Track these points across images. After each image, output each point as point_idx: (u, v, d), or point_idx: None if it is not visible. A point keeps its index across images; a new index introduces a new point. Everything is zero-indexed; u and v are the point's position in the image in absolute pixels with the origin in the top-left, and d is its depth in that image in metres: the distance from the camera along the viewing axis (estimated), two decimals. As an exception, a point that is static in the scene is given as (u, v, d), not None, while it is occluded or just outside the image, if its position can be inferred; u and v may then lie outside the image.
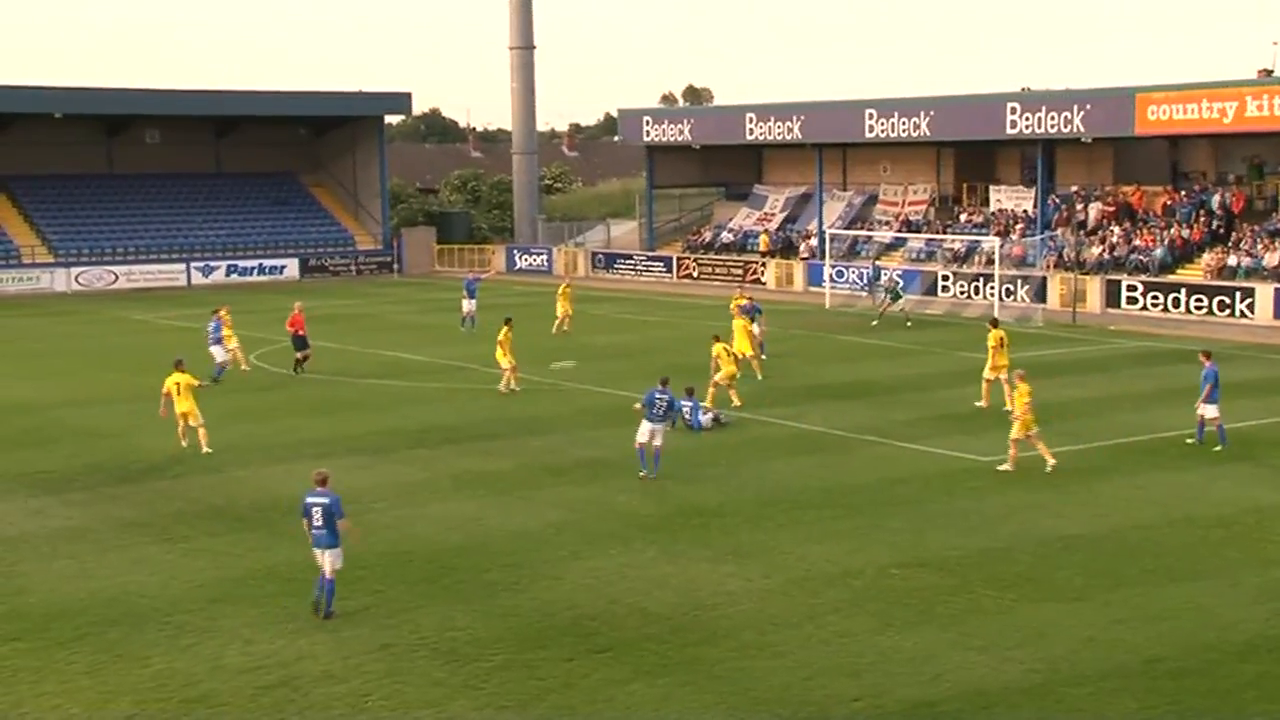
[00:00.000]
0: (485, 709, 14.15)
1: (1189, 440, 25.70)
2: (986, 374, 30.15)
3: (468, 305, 44.74)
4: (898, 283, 47.88)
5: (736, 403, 29.50)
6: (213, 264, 65.23)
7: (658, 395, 23.91)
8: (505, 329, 32.46)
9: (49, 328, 48.50)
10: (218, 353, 34.03)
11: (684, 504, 21.99)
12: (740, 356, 31.81)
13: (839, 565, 18.65)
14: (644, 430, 23.85)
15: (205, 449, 25.89)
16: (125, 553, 19.59)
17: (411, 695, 14.46)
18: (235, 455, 25.88)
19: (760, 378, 32.94)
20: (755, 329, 36.46)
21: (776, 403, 30.76)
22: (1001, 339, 29.99)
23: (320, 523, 16.80)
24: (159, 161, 70.06)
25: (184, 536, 20.40)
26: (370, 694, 14.50)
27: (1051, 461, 23.88)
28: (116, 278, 62.87)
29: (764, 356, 35.79)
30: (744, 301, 36.82)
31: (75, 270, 62.36)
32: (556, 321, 43.34)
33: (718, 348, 30.21)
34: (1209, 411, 25.63)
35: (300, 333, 35.79)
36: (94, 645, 15.88)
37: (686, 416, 27.43)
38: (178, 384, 26.09)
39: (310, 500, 16.94)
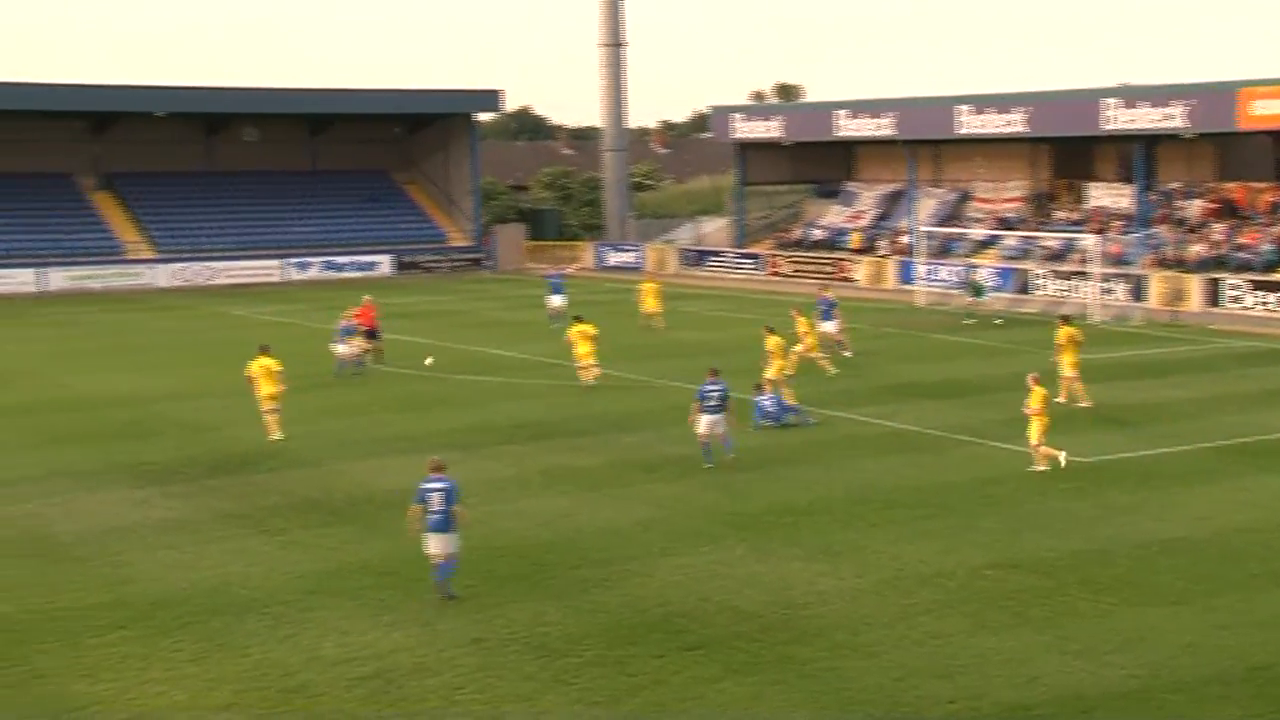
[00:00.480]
0: (576, 704, 14.22)
1: None
2: (1065, 372, 29.90)
3: (556, 301, 45.04)
4: (979, 279, 47.45)
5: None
6: (308, 260, 66.21)
7: (709, 388, 24.13)
8: (578, 325, 33.17)
9: (150, 322, 49.60)
10: (340, 349, 34.47)
11: (775, 502, 21.91)
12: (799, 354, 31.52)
13: (932, 565, 18.47)
14: (704, 424, 24.10)
15: (273, 435, 26.58)
16: (225, 544, 19.97)
17: (503, 689, 14.57)
18: (330, 449, 26.26)
19: (831, 373, 32.74)
20: (832, 326, 36.33)
21: (868, 401, 30.52)
22: (1071, 336, 29.89)
23: (438, 507, 17.20)
24: (256, 159, 71.33)
25: (281, 529, 20.75)
26: (462, 687, 14.64)
27: (1042, 467, 23.62)
28: (215, 273, 64.09)
29: (848, 354, 35.65)
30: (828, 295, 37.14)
31: (175, 266, 63.68)
32: (644, 318, 43.50)
33: (771, 341, 30.01)
34: None
35: (371, 326, 36.37)
36: (197, 634, 16.21)
37: (768, 409, 27.42)
38: (265, 367, 26.92)
39: (427, 486, 17.39)
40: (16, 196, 64.51)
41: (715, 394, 24.13)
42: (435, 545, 17.29)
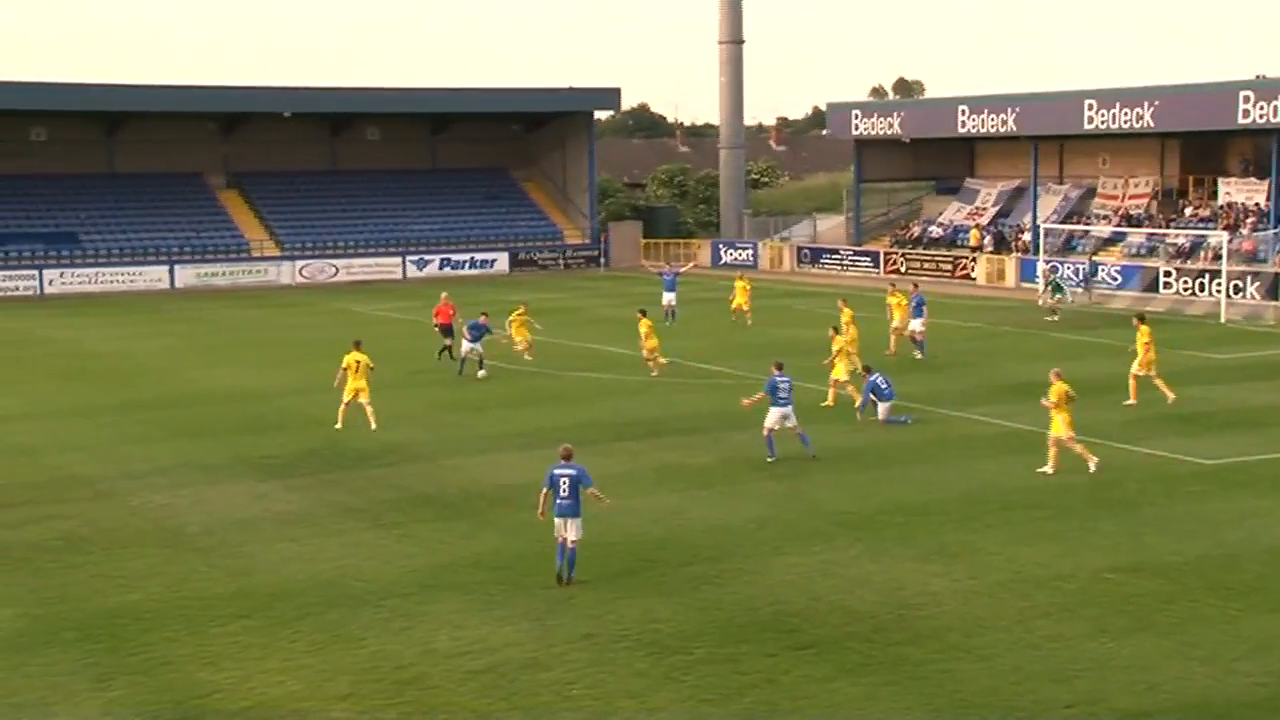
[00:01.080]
0: (688, 701, 14.20)
1: None
2: (1135, 370, 29.61)
3: (668, 298, 45.35)
4: (1058, 273, 46.50)
5: (828, 403, 29.27)
6: (427, 257, 67.18)
7: (779, 380, 24.29)
8: (642, 321, 34.29)
9: (275, 319, 50.72)
10: (465, 345, 34.47)
11: (887, 501, 21.67)
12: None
13: (1050, 568, 18.10)
14: (773, 416, 24.20)
15: (373, 425, 27.53)
16: (342, 537, 20.33)
17: (614, 685, 14.61)
18: (445, 445, 26.59)
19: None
20: (918, 324, 35.89)
21: (986, 400, 30.04)
22: (1149, 334, 29.64)
23: (567, 493, 17.69)
24: (378, 158, 72.57)
25: (396, 523, 21.06)
26: (574, 683, 14.70)
27: (1049, 469, 23.14)
28: (337, 270, 65.34)
29: (920, 356, 35.13)
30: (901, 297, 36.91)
31: (300, 264, 65.06)
32: (734, 314, 43.64)
33: (839, 341, 29.76)
34: None
35: (446, 323, 37.01)
36: (314, 625, 16.52)
37: (882, 387, 27.50)
38: (357, 361, 27.94)
39: (557, 472, 17.87)
40: (149, 195, 66.49)
41: (784, 386, 24.33)
42: (561, 530, 17.83)
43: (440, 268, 66.99)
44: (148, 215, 65.49)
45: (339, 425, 27.90)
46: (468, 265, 67.64)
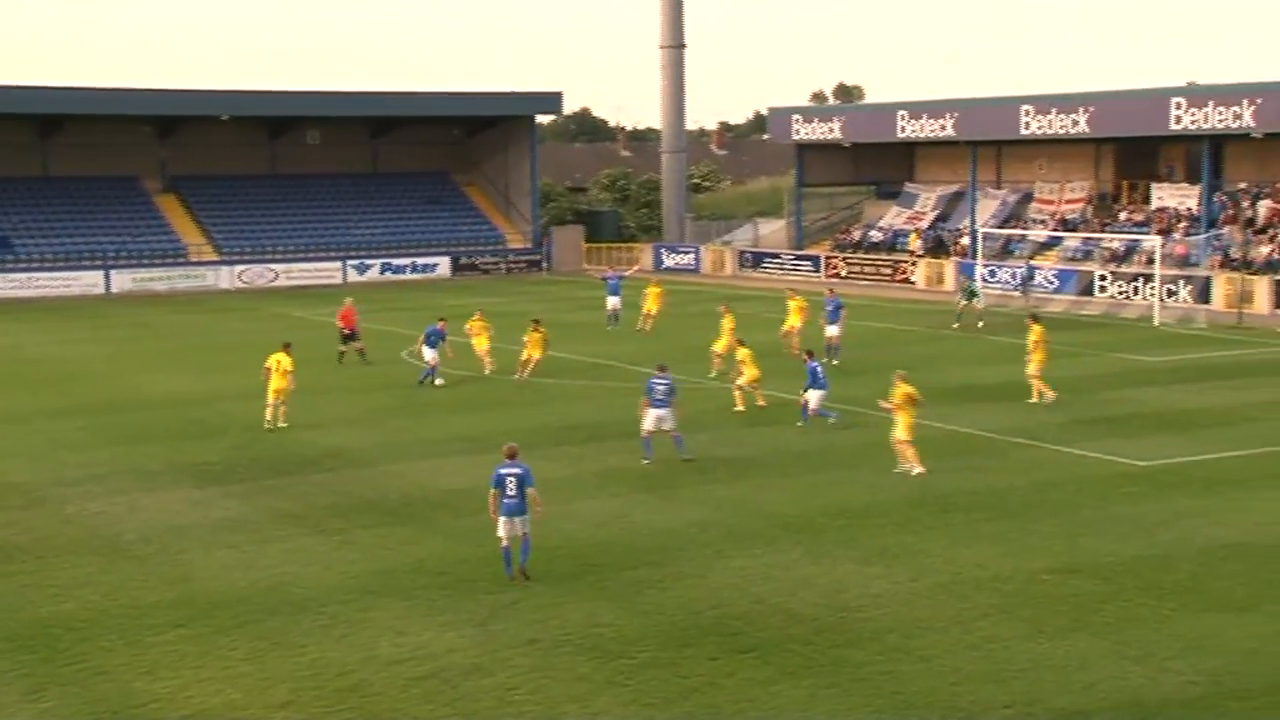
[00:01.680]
0: (630, 705, 14.22)
1: None
2: (1031, 370, 30.21)
3: (612, 302, 45.36)
4: (972, 282, 46.92)
5: (761, 404, 29.46)
6: (368, 262, 66.77)
7: (656, 382, 24.52)
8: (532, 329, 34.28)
9: (213, 324, 50.21)
10: (427, 353, 34.07)
11: (829, 504, 21.82)
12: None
13: (989, 570, 18.30)
14: (650, 419, 24.44)
15: (281, 423, 28.35)
16: (283, 544, 20.17)
17: (557, 690, 14.61)
18: (387, 450, 26.46)
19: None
20: (836, 330, 35.89)
21: (925, 403, 30.26)
22: (1042, 334, 30.29)
23: (514, 492, 17.95)
24: (318, 162, 72.03)
25: (338, 529, 20.92)
26: (517, 688, 14.68)
27: (919, 469, 23.43)
28: (277, 275, 64.78)
29: (834, 361, 35.13)
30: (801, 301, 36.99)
31: (238, 268, 64.44)
32: (645, 317, 43.70)
33: (743, 352, 30.10)
34: None
35: (350, 328, 37.41)
36: (254, 633, 16.38)
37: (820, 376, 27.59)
38: (278, 362, 28.67)
39: (504, 471, 18.08)
40: (84, 199, 65.62)
41: (662, 387, 24.43)
42: (508, 528, 17.99)
43: (381, 272, 66.60)
44: (83, 219, 64.63)
45: (267, 424, 28.38)
46: (409, 270, 67.28)
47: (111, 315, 53.38)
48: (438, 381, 33.67)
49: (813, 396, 27.63)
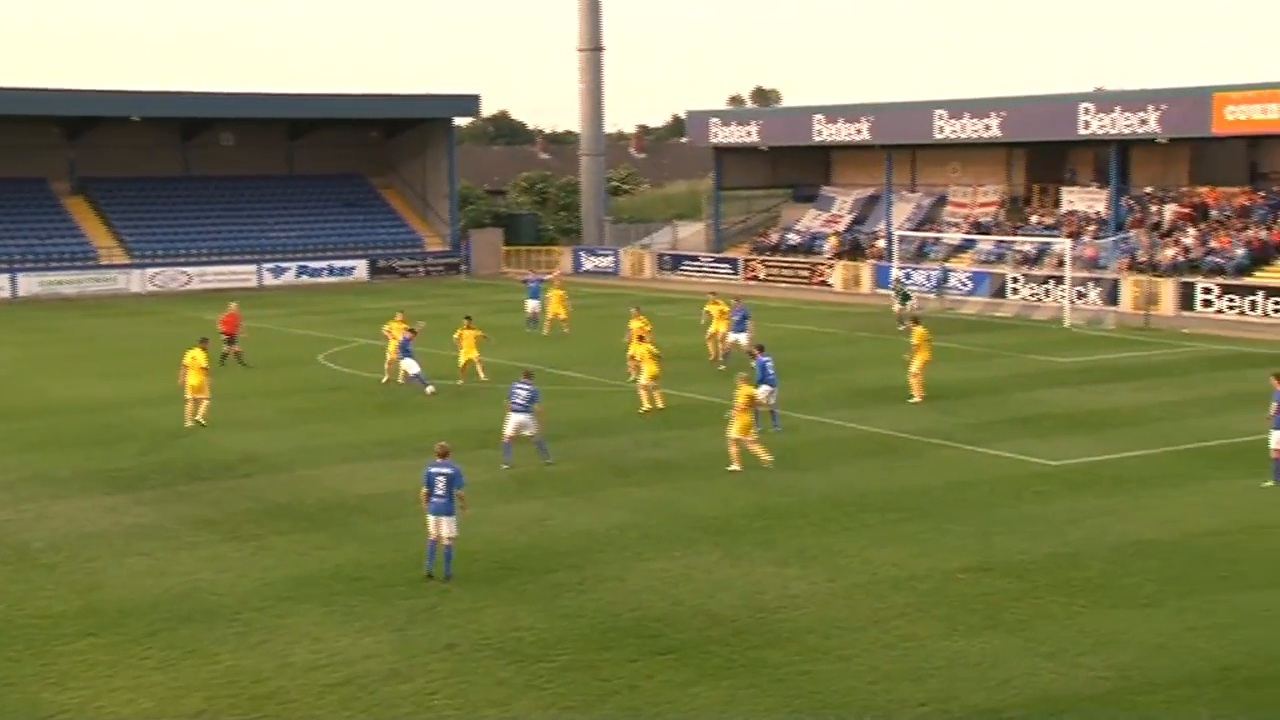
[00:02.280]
0: (550, 709, 14.20)
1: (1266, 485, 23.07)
2: (915, 369, 30.79)
3: (531, 305, 45.30)
4: (903, 284, 47.47)
5: (660, 405, 29.55)
6: (283, 265, 66.01)
7: (518, 387, 24.75)
8: (464, 326, 34.08)
9: (124, 328, 49.34)
10: (410, 365, 32.70)
11: (749, 506, 21.94)
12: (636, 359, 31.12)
13: (905, 569, 18.52)
14: (510, 424, 24.64)
15: (200, 419, 28.55)
16: (196, 550, 19.88)
17: (476, 695, 14.54)
18: (303, 455, 26.18)
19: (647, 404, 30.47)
20: (744, 337, 35.56)
21: (843, 405, 30.60)
22: (926, 335, 31.03)
23: (442, 491, 17.97)
24: (233, 164, 71.07)
25: (253, 535, 20.66)
26: (435, 693, 14.60)
27: (767, 459, 23.98)
28: (190, 279, 63.80)
29: (722, 366, 35.03)
30: (723, 306, 36.67)
31: (150, 271, 63.37)
32: (548, 323, 43.59)
33: (640, 348, 30.25)
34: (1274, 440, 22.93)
35: (231, 332, 37.31)
36: (166, 641, 16.12)
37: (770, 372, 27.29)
38: (194, 358, 28.88)
39: (434, 470, 18.13)
40: (-11, 201, 64.15)
41: (523, 394, 24.63)
42: (434, 527, 18.03)
43: (297, 275, 65.86)
44: (-12, 221, 63.20)
45: (188, 423, 28.42)
46: (326, 273, 66.61)
47: (18, 319, 52.24)
48: (429, 389, 32.37)
49: (763, 392, 27.58)
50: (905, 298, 45.55)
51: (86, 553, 19.80)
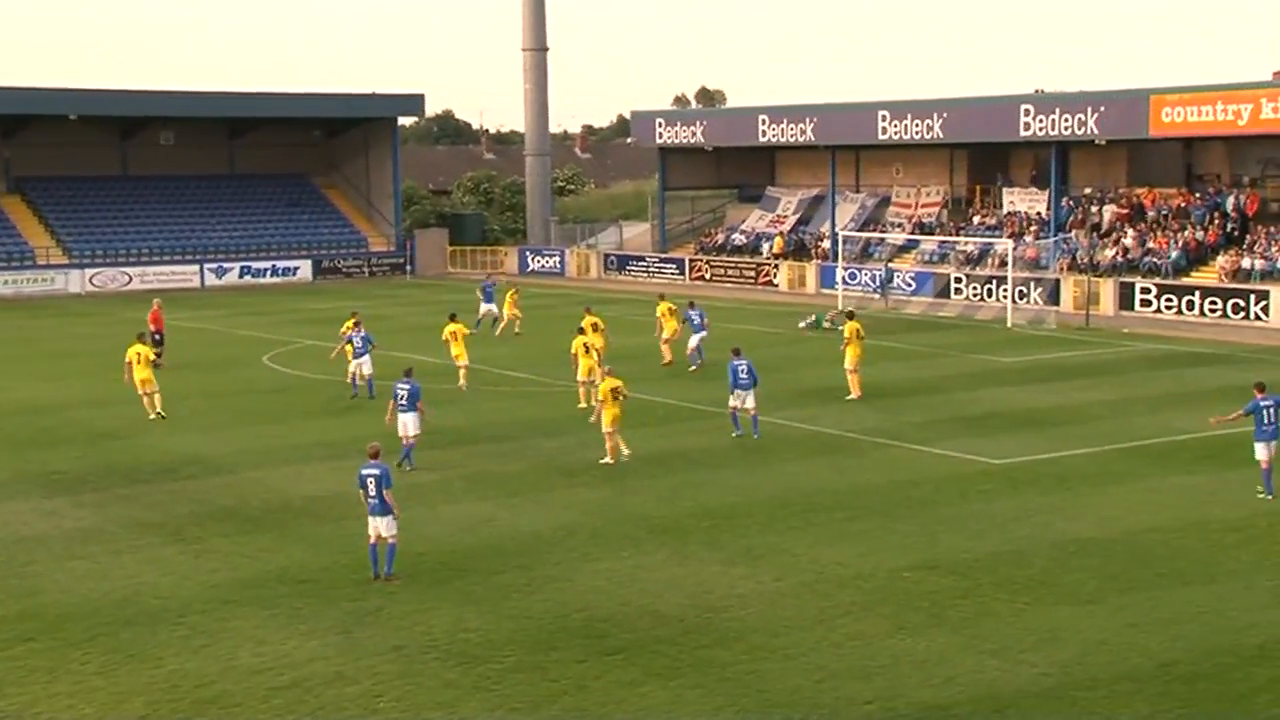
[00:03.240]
0: (497, 710, 14.16)
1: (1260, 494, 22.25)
2: (848, 365, 31.16)
3: (485, 307, 45.26)
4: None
5: (582, 405, 29.66)
6: (226, 265, 65.39)
7: (400, 386, 24.86)
8: (451, 325, 33.67)
9: (63, 329, 48.67)
10: (366, 366, 31.71)
11: (696, 506, 21.99)
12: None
13: (851, 568, 18.62)
14: (401, 423, 24.77)
15: (161, 412, 28.94)
16: (138, 554, 19.64)
17: (423, 697, 14.48)
18: (247, 456, 25.95)
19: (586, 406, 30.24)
20: (695, 340, 35.70)
21: (789, 404, 30.73)
22: (858, 330, 31.36)
23: (374, 492, 17.98)
24: (173, 163, 70.28)
25: (196, 538, 20.45)
26: (382, 695, 14.52)
27: (626, 452, 24.46)
28: (130, 279, 63.05)
29: (667, 361, 35.69)
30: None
31: (89, 272, 62.55)
32: (502, 325, 43.51)
33: (576, 343, 30.44)
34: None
35: (158, 330, 37.49)
36: (107, 646, 15.92)
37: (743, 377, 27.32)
38: (138, 354, 28.96)
39: (365, 472, 18.16)
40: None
41: (404, 391, 24.74)
42: (373, 528, 18.05)
43: (240, 276, 65.25)
44: (-78, 220, 62.12)
45: (151, 417, 28.87)
46: (269, 273, 66.05)
47: (-46, 320, 51.37)
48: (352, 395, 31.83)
49: (738, 398, 27.53)
50: (818, 324, 44.76)
51: (24, 556, 19.51)
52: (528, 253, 70.75)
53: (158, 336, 37.34)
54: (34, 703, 14.37)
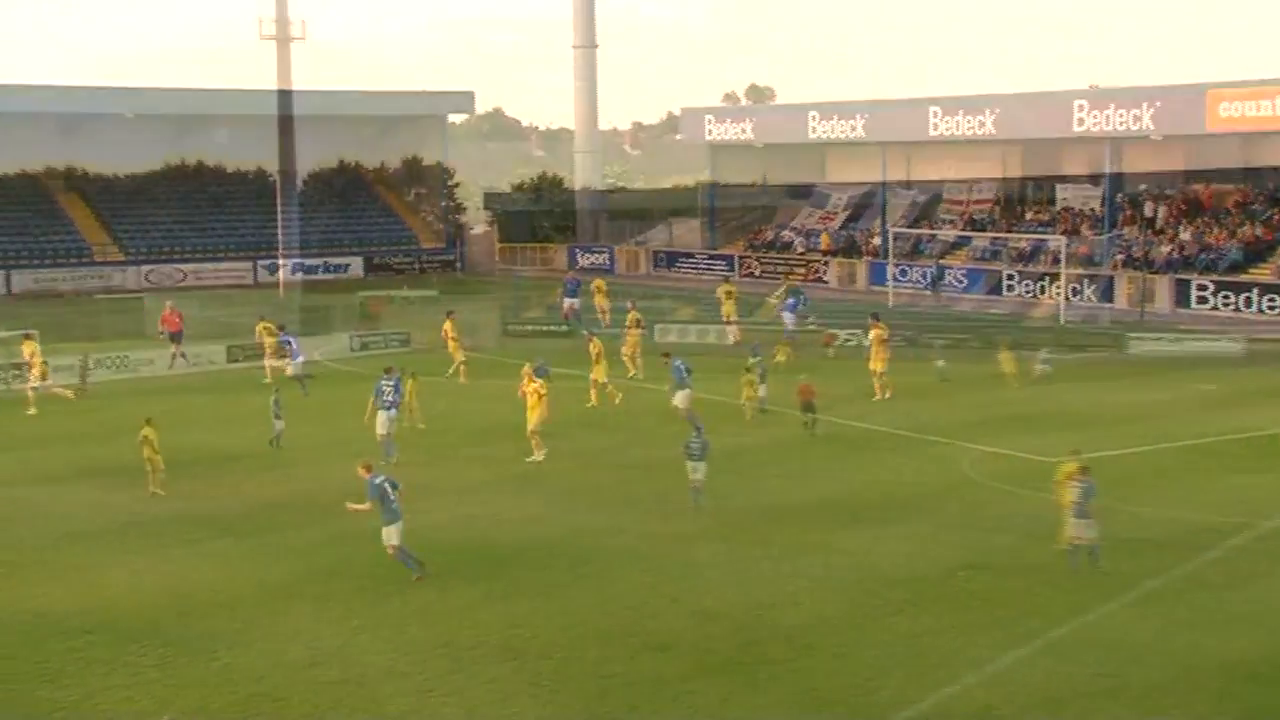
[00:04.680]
0: (548, 706, 14.17)
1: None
2: (873, 366, 30.90)
3: (569, 303, 45.40)
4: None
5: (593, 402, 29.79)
6: (279, 262, 65.75)
7: (384, 384, 24.99)
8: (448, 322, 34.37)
9: (118, 325, 49.05)
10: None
11: (747, 503, 21.92)
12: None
13: (902, 567, 18.52)
14: (381, 421, 24.82)
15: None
16: (192, 548, 19.82)
17: (474, 692, 14.51)
18: (296, 453, 26.09)
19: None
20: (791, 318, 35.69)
21: (838, 402, 30.51)
22: (879, 335, 31.14)
23: (394, 497, 18.37)
24: (226, 160, 70.79)
25: (248, 532, 20.60)
26: (432, 690, 14.56)
27: (540, 457, 24.34)
28: (185, 275, 63.63)
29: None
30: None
31: (145, 268, 63.14)
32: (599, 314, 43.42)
33: (596, 345, 30.59)
34: None
35: (176, 330, 37.98)
36: (162, 639, 16.07)
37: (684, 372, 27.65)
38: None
39: (379, 480, 18.56)
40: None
41: (388, 389, 24.90)
42: (395, 534, 18.31)
43: (293, 273, 65.59)
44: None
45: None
46: (321, 270, 66.39)
47: None
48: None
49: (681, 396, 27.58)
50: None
51: (80, 549, 19.73)
52: (577, 250, 70.76)
53: (176, 336, 38.06)
54: (92, 694, 14.53)
